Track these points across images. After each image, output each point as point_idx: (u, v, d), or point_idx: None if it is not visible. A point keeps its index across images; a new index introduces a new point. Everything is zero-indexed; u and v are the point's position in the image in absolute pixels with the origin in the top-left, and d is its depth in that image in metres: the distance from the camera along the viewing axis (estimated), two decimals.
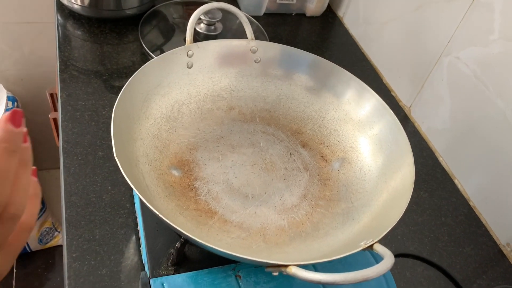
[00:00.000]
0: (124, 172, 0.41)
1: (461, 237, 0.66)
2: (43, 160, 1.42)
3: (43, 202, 1.33)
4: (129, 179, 0.40)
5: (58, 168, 0.59)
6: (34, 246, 1.35)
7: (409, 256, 0.61)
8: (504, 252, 0.65)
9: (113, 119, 0.45)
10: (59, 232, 1.39)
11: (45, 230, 1.35)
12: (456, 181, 0.73)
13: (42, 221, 1.33)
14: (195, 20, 0.56)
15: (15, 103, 1.13)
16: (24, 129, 0.25)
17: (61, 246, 1.42)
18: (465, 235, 0.66)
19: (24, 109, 1.22)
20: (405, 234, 0.64)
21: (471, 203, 0.70)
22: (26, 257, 1.37)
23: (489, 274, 0.62)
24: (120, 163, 0.41)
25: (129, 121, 0.50)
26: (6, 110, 1.07)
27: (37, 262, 1.38)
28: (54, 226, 1.37)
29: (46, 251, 1.40)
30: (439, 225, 0.66)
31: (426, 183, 0.72)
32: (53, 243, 1.39)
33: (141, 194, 0.40)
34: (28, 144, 0.26)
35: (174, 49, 0.55)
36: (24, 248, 1.33)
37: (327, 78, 0.60)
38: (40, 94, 1.27)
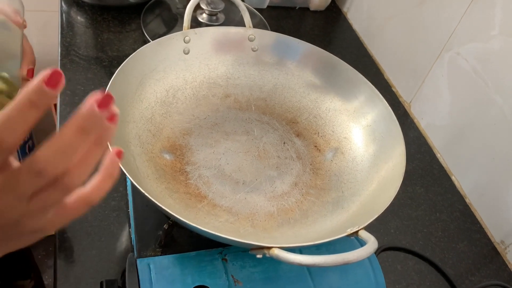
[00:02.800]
0: None
1: (455, 233, 0.65)
2: None
3: None
4: None
5: None
6: None
7: (400, 250, 0.61)
8: (498, 249, 0.64)
9: None
10: None
11: None
12: (453, 178, 0.72)
13: None
14: (194, 5, 0.56)
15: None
16: (114, 111, 0.24)
17: None
18: (459, 231, 0.65)
19: None
20: (399, 228, 0.64)
21: (467, 200, 0.69)
22: None
23: (482, 271, 0.62)
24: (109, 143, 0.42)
25: (123, 103, 0.50)
26: None
27: (38, 249, 1.39)
28: None
29: (47, 238, 1.39)
30: (434, 220, 0.66)
31: (423, 179, 0.71)
32: None
33: (129, 174, 0.40)
34: (111, 125, 0.25)
35: (170, 34, 0.56)
36: None
37: (323, 68, 0.59)
38: None
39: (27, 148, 1.22)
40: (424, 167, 0.73)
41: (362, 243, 0.50)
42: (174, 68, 0.57)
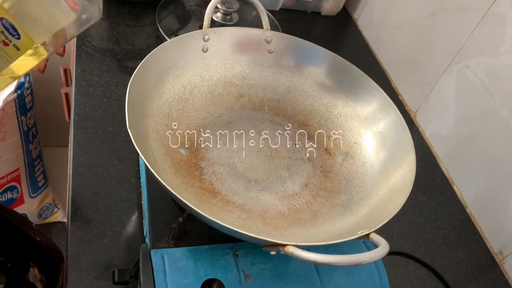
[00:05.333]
0: (136, 144, 0.42)
1: (455, 241, 0.67)
2: (50, 137, 1.44)
3: (45, 178, 1.35)
4: (140, 151, 0.42)
5: (64, 146, 0.61)
6: (34, 220, 1.37)
7: (402, 255, 0.62)
8: (496, 259, 0.66)
9: (128, 93, 0.46)
10: (58, 208, 1.40)
11: (45, 206, 1.37)
12: (454, 187, 0.74)
13: (43, 196, 1.35)
14: (214, 5, 0.57)
15: (28, 77, 1.14)
16: None
17: (59, 222, 1.43)
18: (459, 240, 0.67)
19: (35, 84, 1.24)
20: (401, 233, 0.65)
21: (467, 210, 0.71)
22: None
23: (480, 280, 0.63)
24: (132, 135, 0.43)
25: (142, 98, 0.51)
26: (18, 83, 1.09)
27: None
28: (54, 202, 1.39)
29: (44, 227, 1.41)
30: (435, 228, 0.68)
31: (425, 187, 0.73)
32: (52, 219, 1.40)
33: (151, 167, 0.41)
34: None
35: (191, 32, 0.57)
36: None
37: (337, 73, 0.61)
38: (52, 70, 1.29)
39: (30, 135, 1.23)
40: (427, 176, 0.75)
41: (368, 245, 0.51)
42: (192, 65, 0.58)
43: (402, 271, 0.61)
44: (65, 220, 1.44)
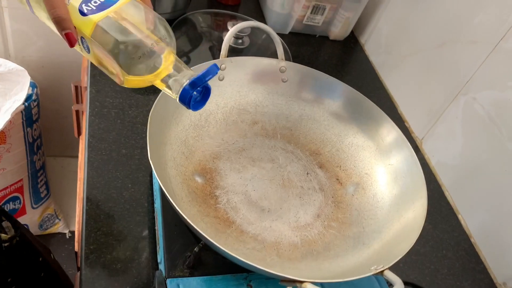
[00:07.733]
0: (157, 176, 0.43)
1: (460, 271, 0.68)
2: (52, 147, 1.44)
3: (47, 189, 1.35)
4: (160, 182, 0.43)
5: (66, 156, 0.61)
6: (34, 231, 1.36)
7: (409, 284, 0.63)
8: None
9: (149, 123, 0.47)
10: (59, 219, 1.40)
11: (47, 217, 1.37)
12: (459, 217, 0.75)
13: (45, 207, 1.35)
14: (232, 36, 0.59)
15: (35, 89, 1.15)
16: None
17: (59, 233, 1.43)
18: (464, 270, 0.68)
19: (41, 95, 1.25)
20: (407, 262, 0.66)
21: (472, 240, 0.72)
22: None
23: None
24: (153, 166, 0.44)
25: (161, 126, 0.52)
26: (28, 95, 1.10)
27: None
28: (55, 213, 1.39)
29: (44, 237, 1.41)
30: (440, 257, 0.68)
31: (431, 216, 0.74)
32: (52, 230, 1.40)
33: (170, 197, 0.42)
34: None
35: (209, 61, 0.58)
36: None
37: (349, 104, 0.62)
38: (57, 83, 1.30)
39: (35, 147, 1.23)
40: (432, 204, 0.76)
41: (378, 278, 0.52)
42: None
43: None
44: (66, 231, 1.44)
